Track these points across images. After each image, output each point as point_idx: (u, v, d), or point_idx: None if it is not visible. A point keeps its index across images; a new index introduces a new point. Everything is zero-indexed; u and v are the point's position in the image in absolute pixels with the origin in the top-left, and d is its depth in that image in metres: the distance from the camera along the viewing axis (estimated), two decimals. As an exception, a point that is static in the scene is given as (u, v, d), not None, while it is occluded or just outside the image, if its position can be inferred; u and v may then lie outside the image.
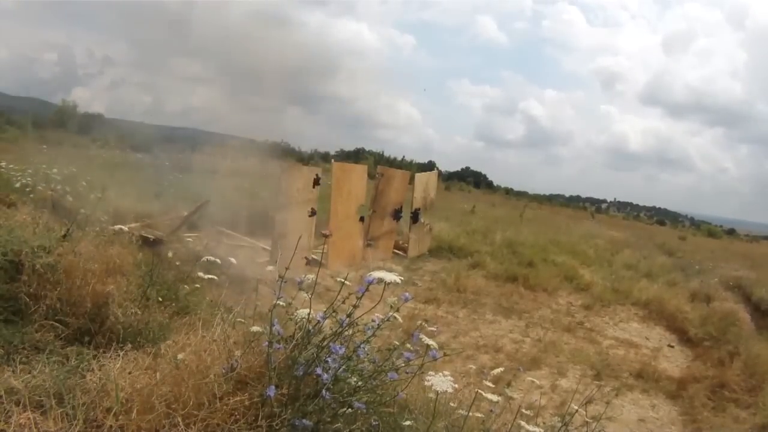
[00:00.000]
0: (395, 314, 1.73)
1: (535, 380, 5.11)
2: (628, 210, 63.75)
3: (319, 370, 1.59)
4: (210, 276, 3.08)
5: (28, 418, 1.56)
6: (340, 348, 1.65)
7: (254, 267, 8.90)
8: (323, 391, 1.57)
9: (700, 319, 10.01)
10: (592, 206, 58.42)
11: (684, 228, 44.97)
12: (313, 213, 10.18)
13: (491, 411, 2.19)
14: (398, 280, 1.60)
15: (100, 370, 1.80)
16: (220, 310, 2.21)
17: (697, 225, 49.06)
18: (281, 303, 1.77)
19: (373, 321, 1.73)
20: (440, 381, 1.60)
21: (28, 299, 2.42)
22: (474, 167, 62.30)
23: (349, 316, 1.66)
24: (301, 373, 1.62)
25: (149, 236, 6.84)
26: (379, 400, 1.73)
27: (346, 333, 1.68)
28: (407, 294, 1.71)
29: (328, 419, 1.60)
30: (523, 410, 2.37)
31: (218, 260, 3.33)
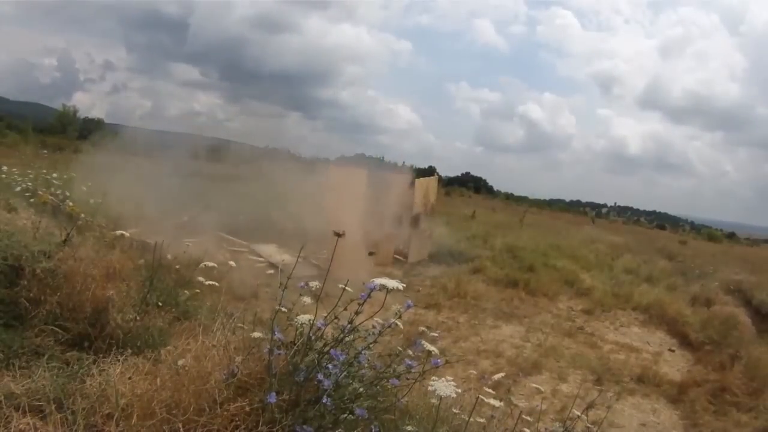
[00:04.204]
0: (396, 321, 1.72)
1: (536, 385, 5.10)
2: (628, 214, 63.74)
3: (320, 376, 1.58)
4: (210, 281, 3.07)
5: (28, 423, 1.56)
6: (341, 354, 1.64)
7: (254, 272, 8.90)
8: (324, 397, 1.57)
9: (700, 323, 10.00)
10: (593, 211, 58.45)
11: (684, 232, 44.93)
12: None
13: (492, 416, 2.19)
14: (400, 287, 1.60)
15: (100, 375, 1.80)
16: (221, 315, 2.20)
17: (698, 229, 49.00)
18: (282, 309, 1.76)
19: (374, 327, 1.72)
20: (443, 386, 1.59)
21: (28, 304, 2.41)
22: (474, 172, 62.40)
23: (350, 322, 1.66)
24: (302, 379, 1.62)
25: (149, 241, 6.81)
26: (381, 407, 1.72)
27: (348, 339, 1.68)
28: (409, 302, 1.70)
29: (329, 425, 1.59)
30: (524, 416, 2.36)
31: (217, 265, 3.33)
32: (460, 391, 1.65)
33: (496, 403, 2.03)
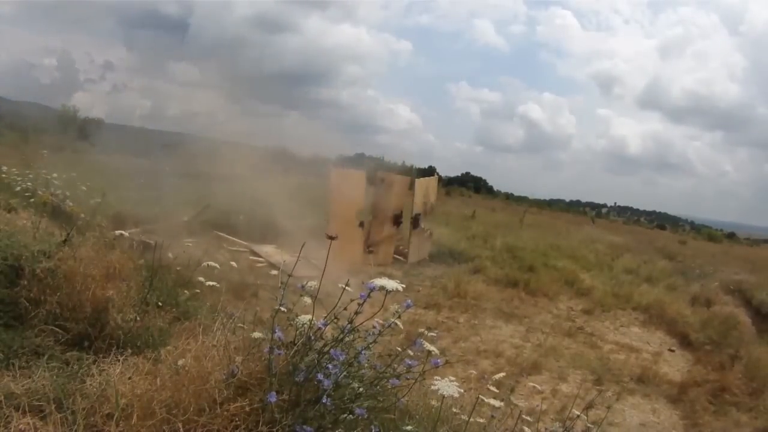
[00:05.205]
0: (396, 321, 1.72)
1: (535, 385, 5.10)
2: (628, 214, 63.62)
3: (320, 376, 1.58)
4: (210, 282, 3.07)
5: (28, 423, 1.56)
6: (341, 354, 1.64)
7: (253, 272, 8.91)
8: (324, 397, 1.57)
9: (700, 323, 10.00)
10: (592, 211, 58.37)
11: (684, 232, 44.89)
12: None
13: (492, 416, 2.19)
14: (400, 288, 1.59)
15: (100, 375, 1.80)
16: (221, 315, 2.21)
17: (698, 229, 48.88)
18: (282, 309, 1.76)
19: (374, 327, 1.72)
20: (447, 386, 1.59)
21: (28, 304, 2.41)
22: (474, 172, 62.15)
23: (350, 322, 1.65)
24: (302, 379, 1.61)
25: (149, 241, 6.81)
26: (381, 406, 1.72)
27: (347, 339, 1.67)
28: (409, 301, 1.70)
29: (329, 425, 1.59)
30: (524, 416, 2.36)
31: (218, 265, 3.32)
32: (462, 391, 1.64)
33: (496, 403, 2.03)
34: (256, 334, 1.78)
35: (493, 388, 2.44)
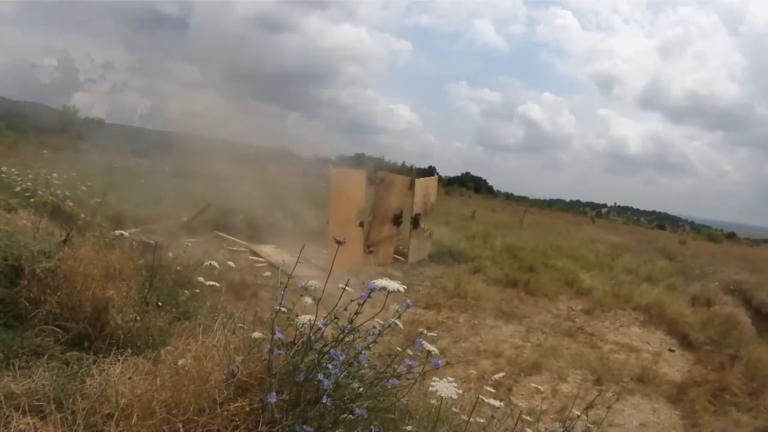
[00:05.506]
0: (396, 320, 1.72)
1: (536, 385, 5.10)
2: (628, 214, 63.65)
3: (320, 376, 1.58)
4: (210, 282, 3.07)
5: (28, 423, 1.56)
6: (341, 354, 1.64)
7: (253, 272, 8.91)
8: (324, 398, 1.57)
9: (700, 323, 10.01)
10: (592, 211, 58.40)
11: (684, 232, 44.88)
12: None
13: (492, 416, 2.19)
14: (401, 288, 1.59)
15: (100, 375, 1.80)
16: (221, 315, 2.20)
17: (698, 229, 48.88)
18: (282, 309, 1.76)
19: (374, 327, 1.72)
20: (445, 387, 1.59)
21: (28, 304, 2.41)
22: (474, 172, 62.19)
23: (350, 322, 1.65)
24: (302, 379, 1.61)
25: (149, 241, 6.81)
26: (381, 406, 1.72)
27: (348, 339, 1.67)
28: (408, 301, 1.70)
29: (329, 425, 1.59)
30: (524, 416, 2.36)
31: (218, 265, 3.32)
32: (461, 392, 1.64)
33: (496, 403, 2.03)
34: (256, 334, 1.78)
35: (491, 389, 2.44)
